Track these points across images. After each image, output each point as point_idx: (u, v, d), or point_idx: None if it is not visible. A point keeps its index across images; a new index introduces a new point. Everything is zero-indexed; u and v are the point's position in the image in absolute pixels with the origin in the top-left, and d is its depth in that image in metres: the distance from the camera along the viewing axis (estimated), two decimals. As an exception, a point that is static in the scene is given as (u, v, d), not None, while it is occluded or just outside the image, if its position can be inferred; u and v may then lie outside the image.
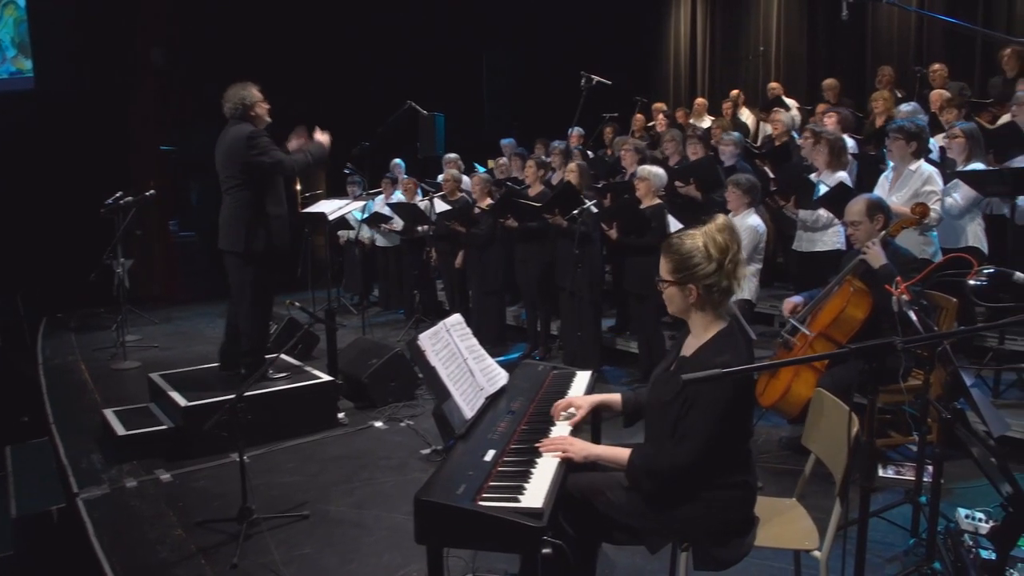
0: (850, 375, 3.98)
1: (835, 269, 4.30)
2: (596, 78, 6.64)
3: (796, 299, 4.31)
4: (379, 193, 8.74)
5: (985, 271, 2.60)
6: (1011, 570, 3.04)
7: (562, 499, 2.50)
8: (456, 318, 3.01)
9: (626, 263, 5.70)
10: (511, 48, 12.51)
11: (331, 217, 5.74)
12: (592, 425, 3.23)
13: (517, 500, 2.10)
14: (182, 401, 4.75)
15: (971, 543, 3.18)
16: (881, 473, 4.26)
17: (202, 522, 3.83)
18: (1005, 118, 5.93)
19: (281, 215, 4.99)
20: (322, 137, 5.08)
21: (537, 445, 2.43)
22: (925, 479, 3.49)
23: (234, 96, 4.90)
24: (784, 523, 2.68)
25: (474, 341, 3.02)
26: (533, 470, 2.30)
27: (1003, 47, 7.24)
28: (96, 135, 9.99)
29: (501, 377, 3.02)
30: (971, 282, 3.06)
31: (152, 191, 7.31)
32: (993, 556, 3.10)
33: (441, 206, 7.08)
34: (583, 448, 2.45)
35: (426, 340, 2.67)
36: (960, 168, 4.89)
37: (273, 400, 4.99)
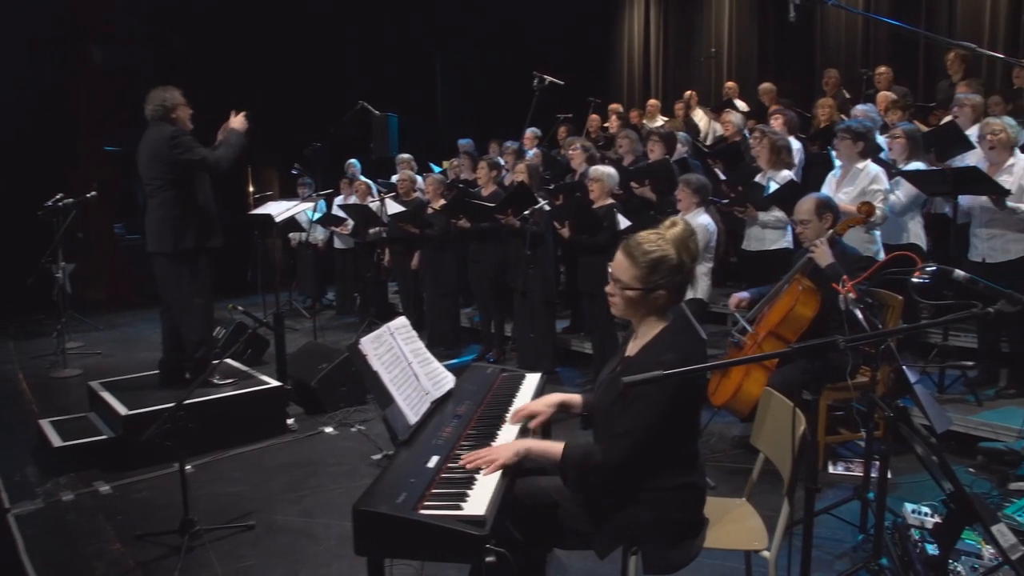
0: (799, 373, 4.01)
1: (785, 268, 4.33)
2: (548, 78, 6.61)
3: (743, 294, 4.34)
4: (329, 193, 8.60)
5: (928, 269, 2.62)
6: (955, 563, 3.08)
7: (509, 505, 2.46)
8: (401, 321, 2.94)
9: (579, 263, 5.67)
10: (466, 48, 12.45)
11: (278, 219, 5.62)
12: (543, 428, 3.19)
13: (460, 508, 2.04)
14: (122, 409, 4.59)
15: (918, 538, 3.22)
16: (831, 470, 4.30)
17: (142, 536, 3.69)
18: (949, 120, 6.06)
19: (209, 213, 4.92)
20: (236, 122, 5.00)
21: (462, 461, 2.33)
22: (873, 475, 3.52)
23: (156, 98, 4.84)
24: (733, 523, 2.66)
25: (420, 344, 2.95)
26: (478, 476, 2.23)
27: (947, 52, 7.41)
28: (36, 135, 9.66)
29: (448, 381, 2.95)
30: (915, 280, 3.09)
31: (94, 192, 7.09)
32: (938, 551, 3.14)
33: (393, 207, 6.98)
34: (510, 447, 2.35)
35: (368, 344, 2.60)
36: (901, 167, 4.98)
37: (218, 407, 4.85)
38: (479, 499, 2.09)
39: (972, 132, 5.45)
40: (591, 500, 2.37)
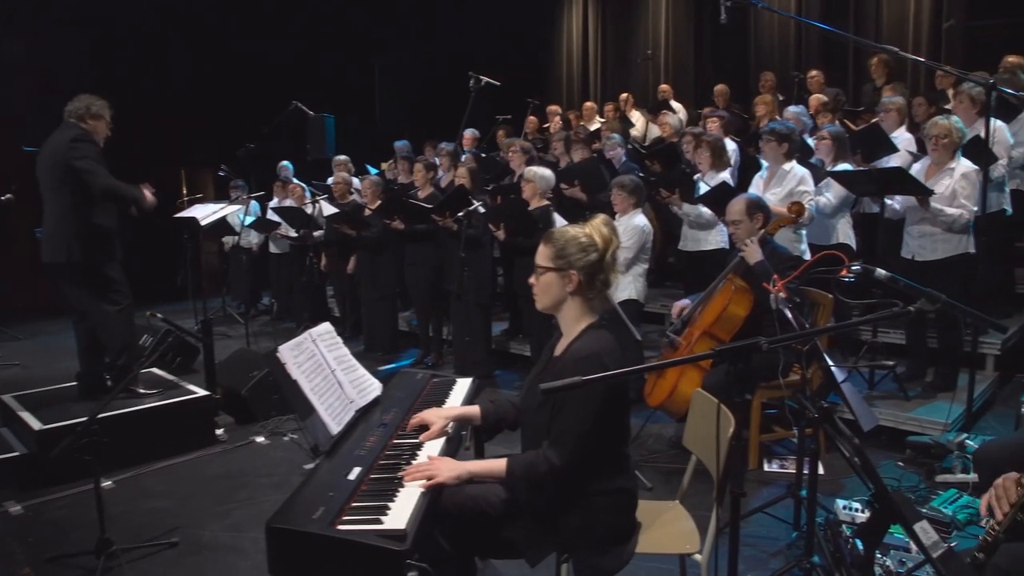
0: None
1: (720, 268, 4.35)
2: (485, 79, 6.57)
3: (684, 302, 4.37)
4: (262, 196, 8.38)
5: (854, 268, 2.63)
6: (884, 557, 3.12)
7: (437, 515, 2.38)
8: (324, 327, 2.84)
9: (516, 265, 5.63)
10: (404, 49, 12.31)
11: (204, 222, 5.42)
12: (475, 444, 3.11)
13: (380, 522, 1.96)
14: (36, 424, 4.36)
15: (849, 534, 3.25)
16: (766, 467, 4.33)
17: (54, 558, 3.49)
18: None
19: (105, 228, 4.69)
20: (147, 192, 4.80)
21: (401, 474, 2.26)
22: (806, 472, 3.55)
23: (81, 100, 4.68)
24: (666, 526, 2.63)
25: (344, 351, 2.86)
26: (401, 488, 2.15)
27: (872, 56, 7.62)
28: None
29: (374, 388, 2.86)
30: (841, 279, 3.13)
31: (10, 195, 6.76)
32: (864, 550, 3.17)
33: (328, 209, 6.83)
34: (453, 468, 2.29)
35: (287, 351, 2.49)
36: (828, 168, 5.06)
37: (142, 419, 4.65)
38: (401, 512, 2.01)
39: (897, 135, 5.60)
40: (528, 506, 2.32)
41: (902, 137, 5.63)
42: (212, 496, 4.20)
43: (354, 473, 2.21)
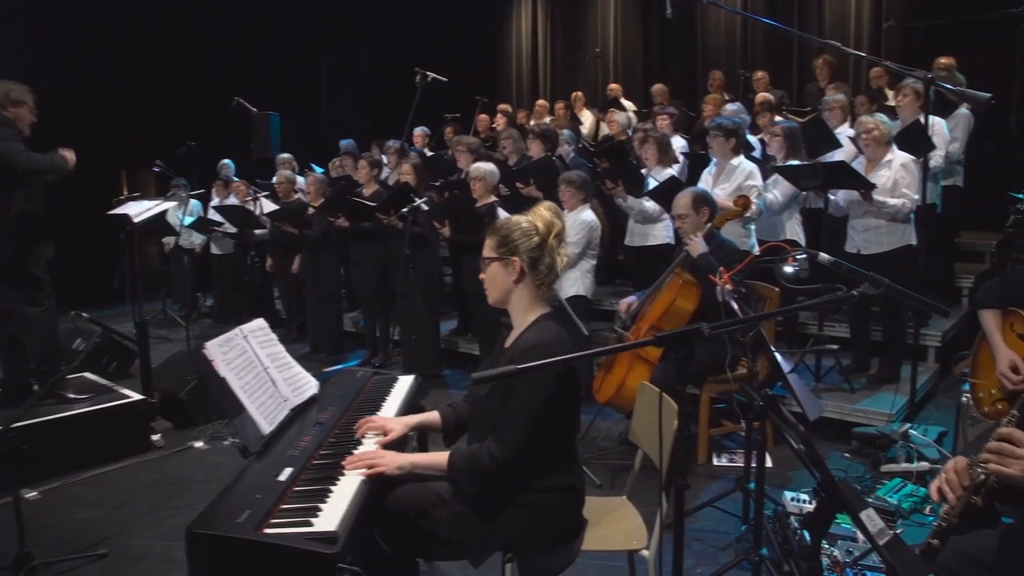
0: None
1: (667, 262, 4.33)
2: (431, 74, 6.45)
3: (631, 298, 4.34)
4: (201, 194, 8.14)
5: (798, 256, 2.62)
6: (832, 548, 3.11)
7: (376, 517, 2.29)
8: (257, 323, 2.72)
9: (464, 262, 5.54)
10: (352, 47, 12.13)
11: (137, 219, 5.20)
12: (419, 443, 3.03)
13: (310, 524, 1.85)
14: (-47, 433, 4.11)
15: (797, 525, 3.24)
16: (715, 462, 4.32)
17: (-32, 575, 3.29)
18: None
19: (30, 223, 4.47)
20: (67, 153, 4.60)
21: (343, 463, 2.18)
22: (754, 465, 3.54)
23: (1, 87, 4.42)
24: (613, 523, 2.58)
25: (279, 348, 2.74)
26: (334, 488, 2.05)
27: (816, 58, 7.76)
28: None
29: (311, 386, 2.75)
30: (786, 269, 3.12)
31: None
32: (810, 540, 3.16)
33: (269, 207, 6.65)
34: (396, 458, 2.23)
35: (215, 348, 2.37)
36: (778, 164, 5.09)
37: (71, 425, 4.42)
38: (332, 513, 1.90)
39: (841, 131, 5.67)
40: (471, 501, 2.23)
41: (845, 134, 5.70)
42: (145, 504, 4.02)
43: (285, 474, 2.10)
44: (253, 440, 2.28)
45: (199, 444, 4.84)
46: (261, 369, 2.52)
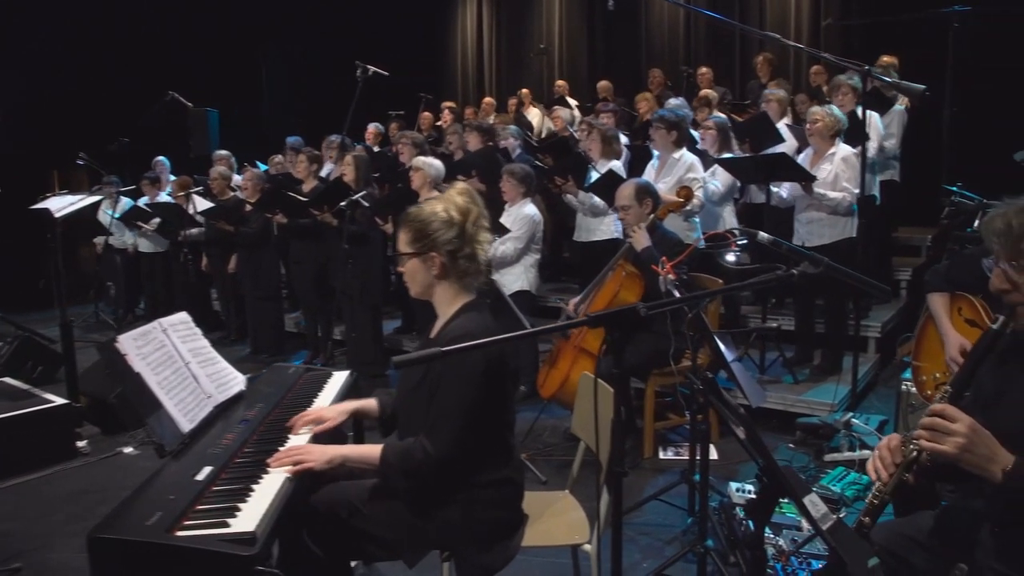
0: (628, 360, 3.95)
1: (613, 257, 4.28)
2: (372, 68, 6.31)
3: (577, 299, 4.29)
4: (132, 190, 7.83)
5: (739, 242, 2.58)
6: (777, 537, 3.09)
7: (305, 517, 2.18)
8: (178, 317, 2.57)
9: (406, 259, 5.41)
10: (295, 44, 11.86)
11: (58, 215, 4.95)
12: (355, 435, 2.91)
13: (227, 525, 1.73)
14: None
15: (743, 516, 3.22)
16: (661, 455, 4.29)
17: None
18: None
19: None
20: None
21: (268, 460, 2.06)
22: (699, 457, 3.50)
23: None
24: (554, 518, 2.50)
25: (204, 343, 2.60)
26: (255, 487, 1.92)
27: (757, 55, 7.85)
28: None
29: (237, 382, 2.61)
30: (728, 256, 3.09)
31: None
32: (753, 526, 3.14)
33: (203, 204, 6.42)
34: (324, 452, 2.10)
35: (129, 341, 2.22)
36: (716, 156, 5.11)
37: (-14, 433, 4.18)
38: (252, 513, 1.78)
39: (779, 126, 5.71)
40: (405, 498, 2.13)
41: (783, 128, 5.76)
42: (67, 514, 3.80)
43: (204, 473, 1.97)
44: (170, 439, 2.14)
45: (128, 450, 4.62)
46: (182, 364, 2.38)
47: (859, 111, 4.69)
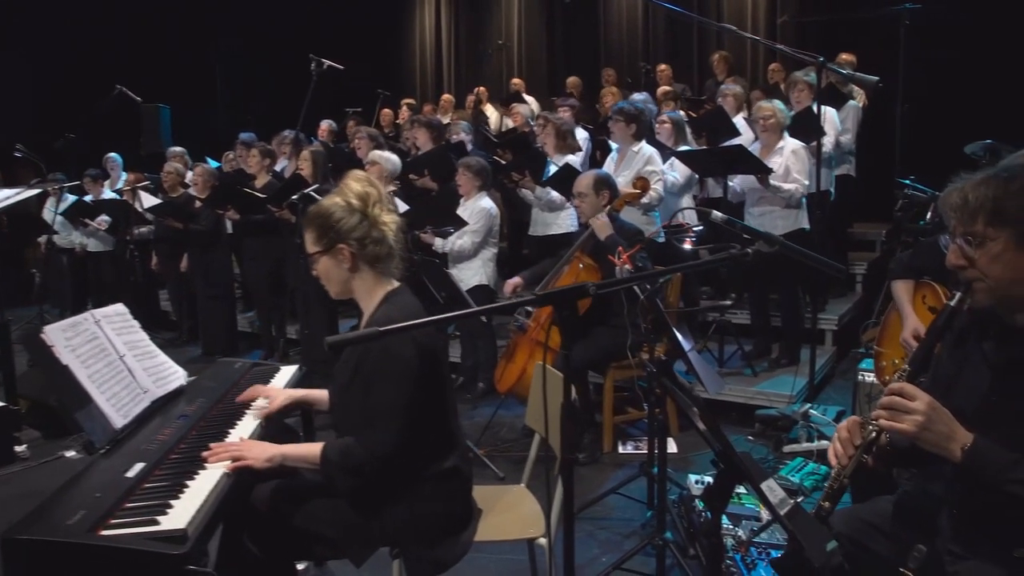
0: (584, 354, 3.91)
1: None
2: (327, 62, 6.19)
3: (516, 280, 4.24)
4: (76, 186, 7.56)
5: (695, 228, 2.55)
6: (736, 528, 3.06)
7: (245, 517, 2.08)
8: (114, 308, 2.45)
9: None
10: (253, 40, 11.64)
11: (-9, 208, 4.77)
12: (304, 432, 2.82)
13: (156, 523, 1.62)
14: None
15: (702, 508, 3.18)
16: (620, 450, 4.25)
17: None
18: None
19: None
20: None
21: (204, 453, 1.96)
22: (658, 450, 3.47)
23: None
24: (509, 511, 2.44)
25: (141, 336, 2.48)
26: (190, 483, 1.82)
27: (713, 54, 7.90)
28: None
29: (177, 376, 2.50)
30: (685, 245, 3.05)
31: None
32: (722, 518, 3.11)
33: (150, 200, 6.23)
34: (264, 450, 2.01)
35: (56, 333, 2.10)
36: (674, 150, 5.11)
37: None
38: (184, 510, 1.68)
39: (735, 120, 5.74)
40: (346, 496, 2.05)
41: (740, 123, 5.78)
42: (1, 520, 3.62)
43: (135, 470, 1.87)
44: (101, 435, 2.04)
45: (70, 453, 4.40)
46: (116, 357, 2.26)
47: (815, 107, 4.72)
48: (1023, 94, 4.85)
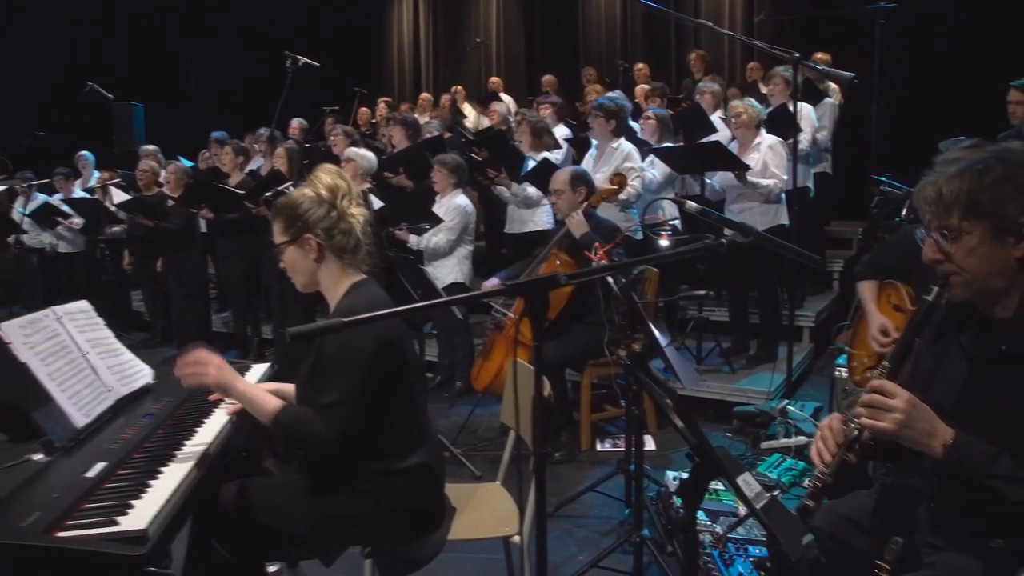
0: (561, 352, 3.88)
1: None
2: (302, 59, 6.12)
3: (493, 281, 4.20)
4: (46, 184, 7.44)
5: (670, 222, 2.52)
6: (714, 524, 3.04)
7: (212, 518, 2.03)
8: (77, 305, 2.38)
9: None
10: (224, 37, 11.52)
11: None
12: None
13: (115, 524, 1.57)
14: None
15: (679, 504, 3.16)
16: (598, 447, 4.22)
17: None
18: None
19: None
20: None
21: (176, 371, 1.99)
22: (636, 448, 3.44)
23: None
24: (483, 509, 2.40)
25: (106, 333, 2.42)
26: (153, 482, 1.77)
27: (690, 53, 7.92)
28: None
29: (143, 375, 2.44)
30: (662, 242, 3.03)
31: None
32: (700, 514, 3.09)
33: (120, 196, 6.12)
34: (223, 375, 2.02)
35: (14, 329, 2.03)
36: (653, 146, 5.09)
37: None
38: (145, 509, 1.62)
39: (713, 118, 5.74)
40: (317, 496, 2.00)
41: (717, 120, 5.79)
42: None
43: (96, 470, 1.81)
44: (61, 434, 1.97)
45: (38, 456, 4.32)
46: (79, 355, 2.20)
47: (790, 104, 4.73)
48: (996, 90, 4.87)
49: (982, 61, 6.54)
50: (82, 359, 2.20)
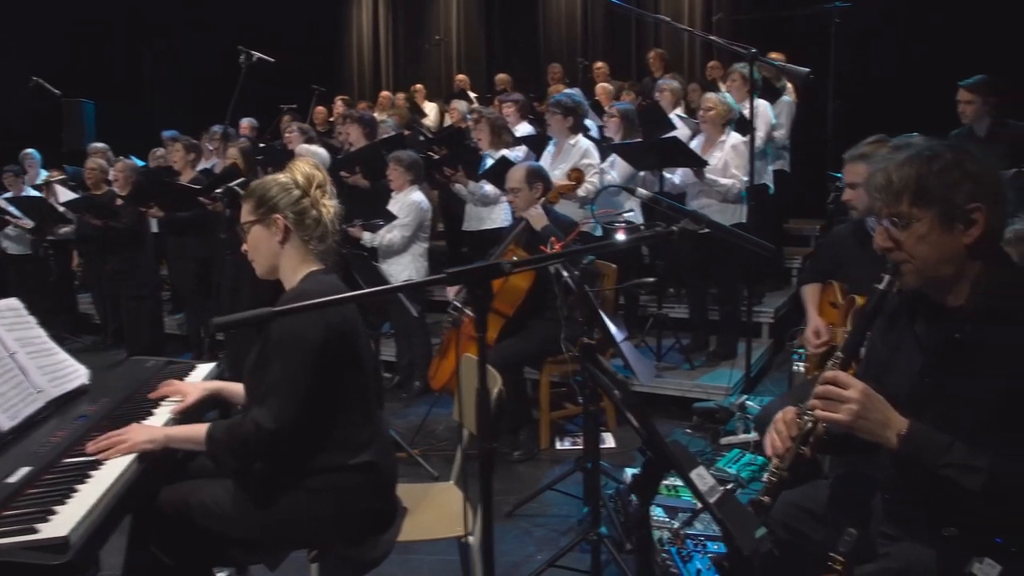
0: (519, 349, 3.84)
1: (505, 245, 4.16)
2: (256, 54, 5.99)
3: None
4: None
5: (626, 214, 2.49)
6: (673, 521, 3.01)
7: (151, 523, 1.94)
8: (6, 303, 2.28)
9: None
10: (178, 35, 11.27)
11: None
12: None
13: (35, 531, 1.47)
14: None
15: (638, 501, 3.13)
16: (558, 445, 4.19)
17: None
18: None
19: None
20: None
21: (90, 446, 1.83)
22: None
23: None
24: (435, 509, 2.35)
25: (37, 332, 2.30)
26: (80, 487, 1.67)
27: (649, 52, 7.95)
28: None
29: (78, 375, 2.32)
30: (618, 236, 3.00)
31: None
32: (658, 511, 3.07)
33: (67, 195, 5.93)
34: (144, 432, 1.90)
35: (-67, 328, 1.92)
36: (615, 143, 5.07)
37: None
38: (69, 516, 1.53)
39: (671, 116, 5.75)
40: (258, 496, 1.92)
41: (675, 118, 5.79)
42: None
43: (19, 475, 1.71)
44: (-17, 437, 1.86)
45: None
46: (5, 355, 2.08)
47: (747, 102, 4.74)
48: (947, 89, 4.96)
49: (934, 60, 6.65)
50: (8, 359, 2.08)
